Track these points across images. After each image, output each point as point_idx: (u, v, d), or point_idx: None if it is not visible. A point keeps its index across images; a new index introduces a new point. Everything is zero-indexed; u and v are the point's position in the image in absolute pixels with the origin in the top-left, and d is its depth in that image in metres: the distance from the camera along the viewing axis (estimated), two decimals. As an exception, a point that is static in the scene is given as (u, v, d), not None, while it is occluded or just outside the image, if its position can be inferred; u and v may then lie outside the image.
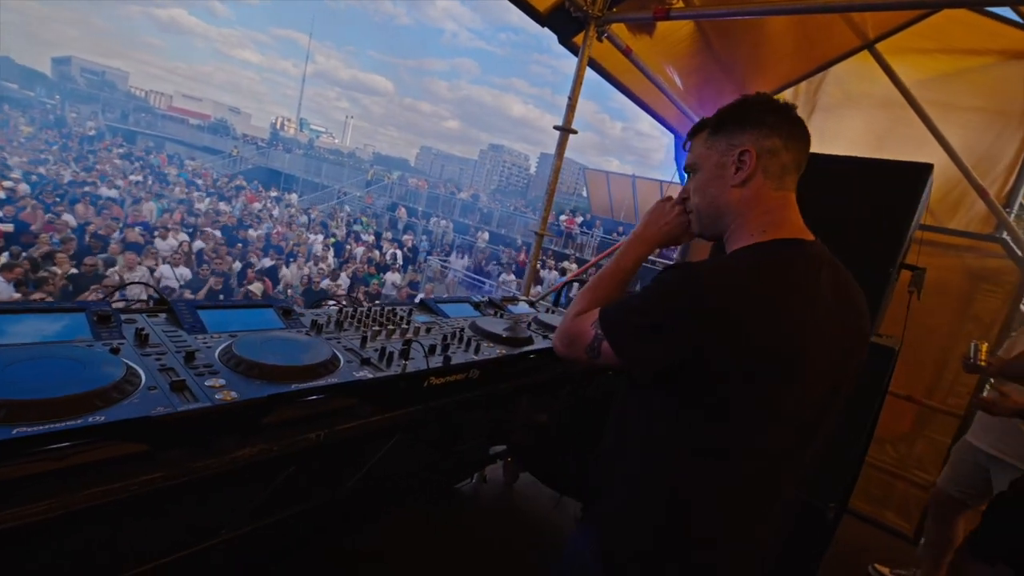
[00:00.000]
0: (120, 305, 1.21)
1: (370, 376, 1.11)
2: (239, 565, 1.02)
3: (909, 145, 3.60)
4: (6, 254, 5.95)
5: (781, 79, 4.02)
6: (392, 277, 10.56)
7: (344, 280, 8.87)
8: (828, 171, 1.83)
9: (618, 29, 2.80)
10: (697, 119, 4.14)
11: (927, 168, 1.77)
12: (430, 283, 12.52)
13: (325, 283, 8.46)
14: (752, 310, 0.80)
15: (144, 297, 4.30)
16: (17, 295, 5.19)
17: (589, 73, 2.77)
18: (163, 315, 1.18)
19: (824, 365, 0.87)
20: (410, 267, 12.86)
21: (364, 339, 1.30)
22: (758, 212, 0.92)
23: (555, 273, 12.40)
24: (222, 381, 0.92)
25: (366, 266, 10.46)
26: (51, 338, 0.95)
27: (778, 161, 0.92)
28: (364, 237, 14.18)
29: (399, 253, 12.78)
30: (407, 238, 15.27)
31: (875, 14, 3.49)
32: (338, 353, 1.17)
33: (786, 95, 4.20)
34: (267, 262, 9.24)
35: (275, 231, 12.06)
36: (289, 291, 8.03)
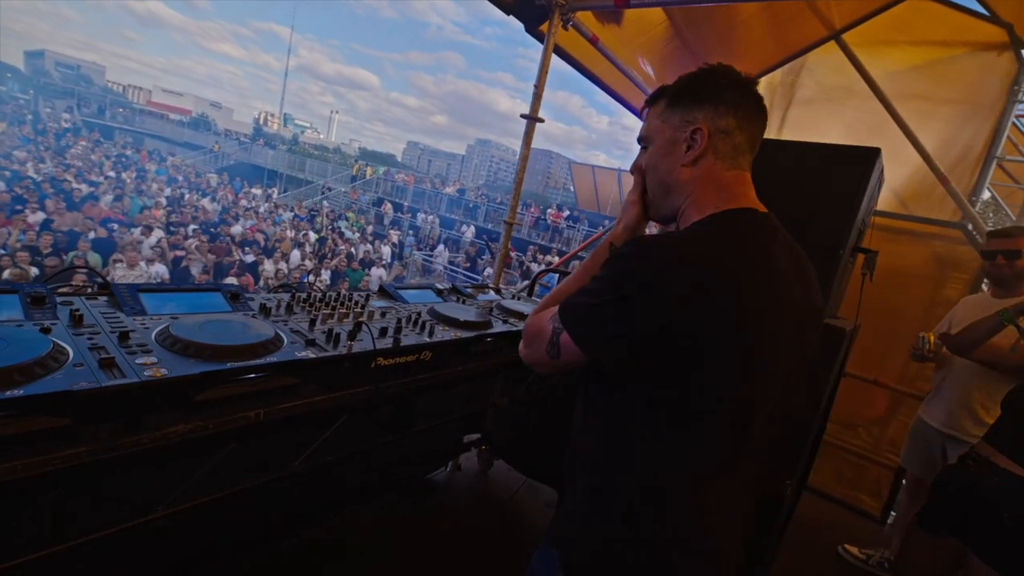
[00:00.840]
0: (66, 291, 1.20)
1: (313, 356, 1.12)
2: (181, 545, 1.03)
3: (882, 138, 3.68)
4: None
5: (755, 66, 4.06)
6: (378, 272, 10.51)
7: (326, 276, 8.81)
8: (780, 157, 1.87)
9: (584, 17, 2.82)
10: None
11: (875, 152, 1.81)
12: (415, 278, 12.49)
13: (307, 279, 8.39)
14: (717, 281, 0.77)
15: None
16: None
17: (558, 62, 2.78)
18: (105, 298, 1.17)
19: (785, 338, 0.85)
20: (396, 262, 12.81)
21: (312, 321, 1.31)
22: (709, 190, 0.89)
23: (542, 267, 12.46)
24: (154, 359, 0.93)
25: (348, 261, 10.39)
26: (-20, 319, 0.94)
27: (731, 142, 0.89)
28: (348, 234, 14.07)
29: (388, 249, 12.71)
30: (393, 233, 15.19)
31: (840, 3, 3.55)
32: (281, 333, 1.17)
33: (762, 83, 4.25)
34: (249, 258, 9.14)
35: (255, 227, 11.91)
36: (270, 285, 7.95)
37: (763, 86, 4.17)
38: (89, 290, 1.23)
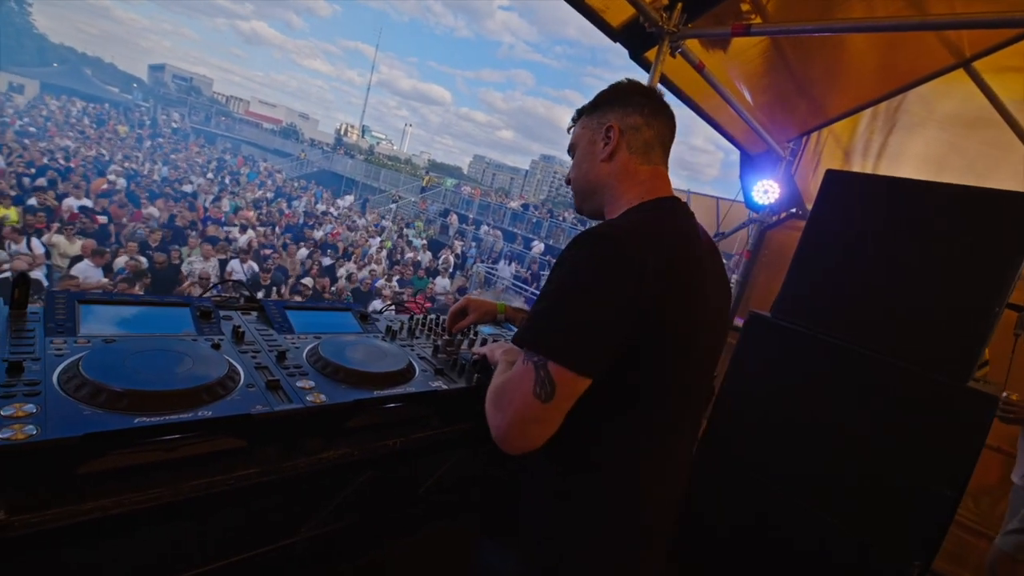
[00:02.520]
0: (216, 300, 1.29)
1: (444, 387, 1.13)
2: (316, 566, 1.06)
3: (1003, 169, 3.36)
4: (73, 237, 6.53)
5: (860, 98, 3.81)
6: (442, 282, 10.76)
7: (395, 283, 9.13)
8: (924, 199, 1.71)
9: (691, 44, 2.75)
10: (767, 136, 3.98)
11: (1041, 201, 1.61)
12: (478, 289, 12.67)
13: (379, 283, 8.74)
14: (666, 264, 0.82)
15: (238, 295, 4.58)
16: (104, 280, 5.68)
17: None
18: (255, 313, 1.25)
19: (710, 317, 0.92)
20: (458, 273, 13.07)
21: (436, 348, 1.33)
22: (630, 184, 0.98)
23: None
24: (311, 383, 0.96)
25: (415, 269, 10.73)
26: (162, 330, 1.02)
27: (640, 137, 0.99)
28: (415, 241, 14.56)
29: (452, 259, 13.02)
30: (457, 243, 15.54)
31: (972, 31, 3.25)
32: (413, 361, 1.19)
33: (864, 114, 3.98)
34: (326, 260, 9.66)
35: (334, 232, 12.59)
36: (346, 292, 8.34)
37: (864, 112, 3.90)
38: (240, 301, 1.31)
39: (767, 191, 4.13)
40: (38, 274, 5.19)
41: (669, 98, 1.05)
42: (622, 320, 0.79)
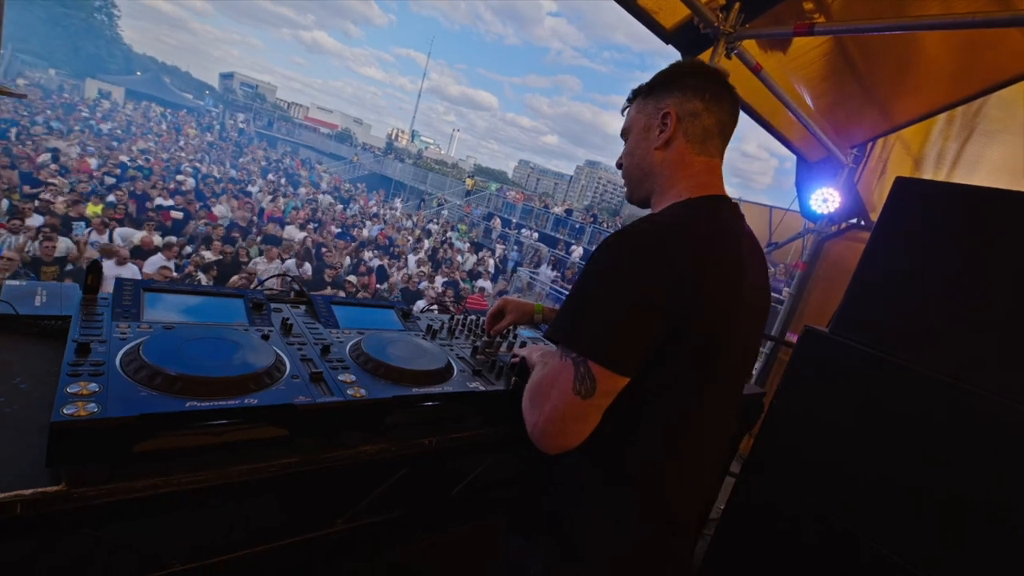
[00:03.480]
0: (268, 292, 1.35)
1: (482, 388, 1.12)
2: (349, 558, 1.07)
3: None
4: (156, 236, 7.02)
5: (933, 103, 3.55)
6: (483, 283, 10.85)
7: (439, 284, 9.28)
8: (1006, 209, 1.56)
9: (748, 45, 2.65)
10: (828, 141, 3.78)
11: None
12: (517, 293, 12.68)
13: (423, 285, 8.91)
14: (703, 262, 0.80)
15: (278, 286, 4.81)
16: (175, 274, 6.08)
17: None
18: (303, 307, 1.29)
19: (745, 322, 0.89)
20: (500, 277, 13.14)
21: (475, 349, 1.32)
22: (682, 175, 0.94)
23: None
24: (352, 377, 0.98)
25: (458, 272, 10.87)
26: (215, 319, 1.07)
27: (699, 124, 0.94)
28: (459, 243, 14.76)
29: (492, 262, 13.12)
30: (498, 247, 15.63)
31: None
32: (452, 361, 1.19)
33: (938, 120, 3.70)
34: (376, 262, 9.96)
35: (382, 233, 12.97)
36: (395, 291, 8.56)
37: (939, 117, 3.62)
38: (291, 295, 1.36)
39: (826, 200, 3.91)
40: (129, 270, 5.54)
41: None
42: (656, 318, 0.78)
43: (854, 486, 1.70)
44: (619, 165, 1.07)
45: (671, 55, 2.77)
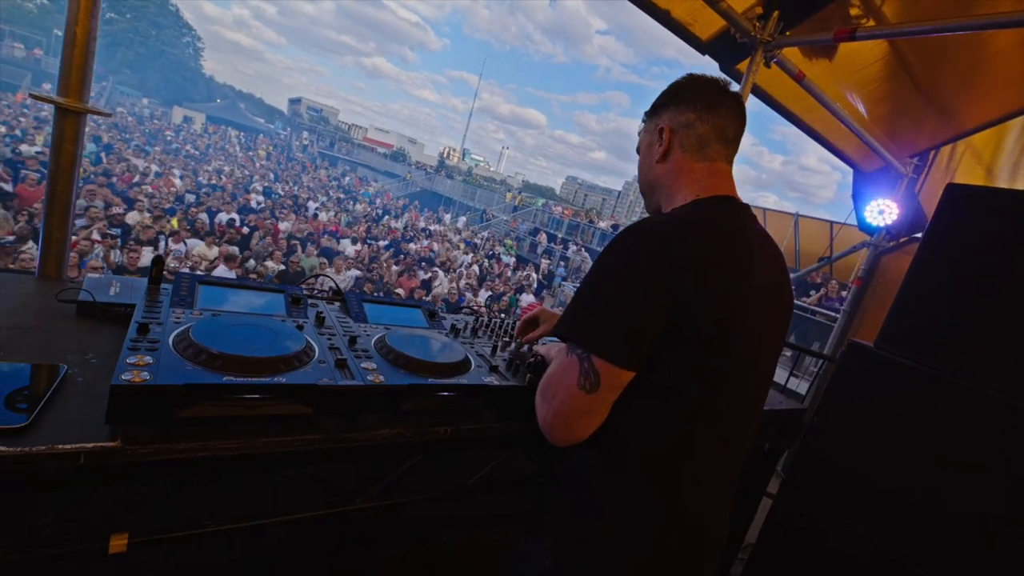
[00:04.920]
0: (311, 292, 1.47)
1: (496, 383, 1.17)
2: (367, 538, 1.14)
3: None
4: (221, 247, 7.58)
5: (1005, 107, 3.30)
6: (527, 298, 10.92)
7: (483, 296, 9.44)
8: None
9: (790, 53, 2.59)
10: (884, 151, 3.60)
11: None
12: (560, 307, 12.66)
13: (467, 298, 9.10)
14: (707, 258, 0.81)
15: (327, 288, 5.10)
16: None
17: (751, 101, 2.60)
18: (338, 304, 1.40)
19: (761, 322, 0.89)
20: (544, 291, 13.17)
21: (495, 348, 1.38)
22: (684, 182, 0.97)
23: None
24: (374, 365, 1.06)
25: (503, 285, 11.01)
26: (257, 310, 1.19)
27: (693, 133, 0.96)
28: (505, 258, 14.96)
29: (536, 276, 13.20)
30: (544, 262, 15.69)
31: None
32: (470, 356, 1.25)
33: (1013, 125, 3.43)
34: (423, 275, 10.29)
35: (428, 246, 13.37)
36: (437, 303, 8.80)
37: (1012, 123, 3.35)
38: (328, 293, 1.47)
39: (883, 211, 3.70)
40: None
41: (760, 112, 1.03)
42: (658, 312, 0.79)
43: (899, 507, 1.60)
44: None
45: (716, 66, 2.76)
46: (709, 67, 2.75)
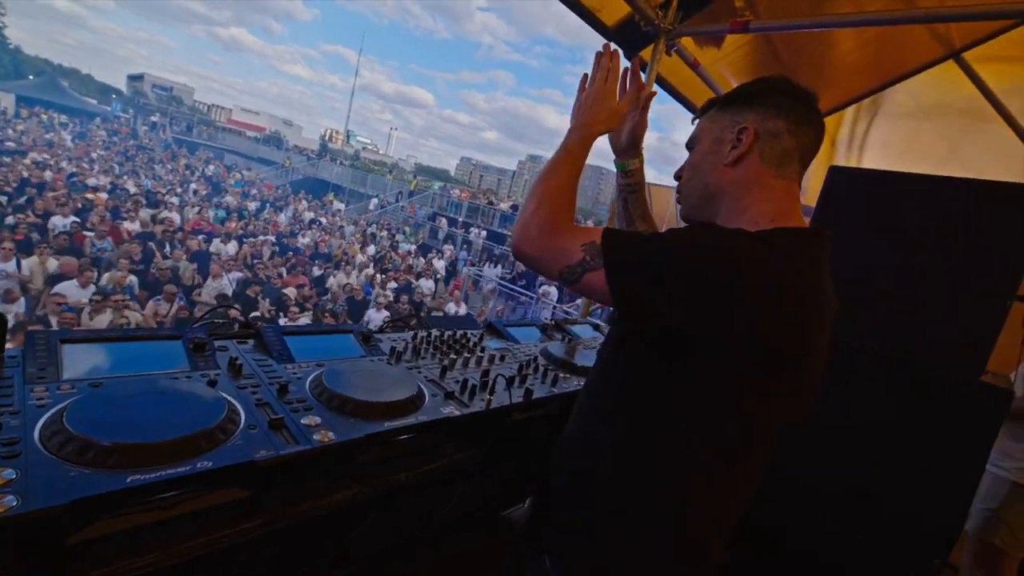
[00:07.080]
0: (202, 318, 1.22)
1: (457, 413, 1.07)
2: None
3: (988, 156, 3.45)
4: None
5: (849, 93, 3.82)
6: (427, 284, 10.66)
7: (390, 290, 9.02)
8: (929, 193, 1.69)
9: (685, 42, 2.72)
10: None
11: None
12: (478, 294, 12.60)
13: (372, 292, 8.63)
14: (784, 297, 0.73)
15: (232, 321, 4.46)
16: (84, 299, 5.52)
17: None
18: (251, 341, 1.18)
19: (821, 358, 0.83)
20: (451, 280, 12.97)
21: (443, 369, 1.26)
22: (758, 198, 0.85)
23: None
24: (317, 419, 0.90)
25: (405, 275, 10.63)
26: (153, 368, 0.95)
27: (778, 145, 0.84)
28: (404, 246, 14.44)
29: (441, 264, 12.96)
30: (447, 249, 15.44)
31: (962, 23, 3.26)
32: (423, 387, 1.13)
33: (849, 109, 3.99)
34: (315, 271, 9.52)
35: (321, 239, 12.43)
36: (339, 299, 8.21)
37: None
38: (235, 327, 1.24)
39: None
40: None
41: (664, 97, 0.97)
42: (688, 303, 0.72)
43: (803, 455, 1.80)
44: (677, 177, 0.99)
45: (601, 48, 2.80)
46: (587, 47, 2.78)
